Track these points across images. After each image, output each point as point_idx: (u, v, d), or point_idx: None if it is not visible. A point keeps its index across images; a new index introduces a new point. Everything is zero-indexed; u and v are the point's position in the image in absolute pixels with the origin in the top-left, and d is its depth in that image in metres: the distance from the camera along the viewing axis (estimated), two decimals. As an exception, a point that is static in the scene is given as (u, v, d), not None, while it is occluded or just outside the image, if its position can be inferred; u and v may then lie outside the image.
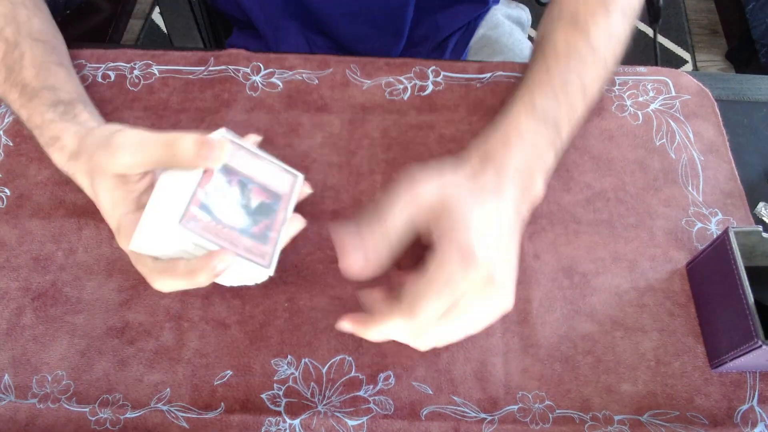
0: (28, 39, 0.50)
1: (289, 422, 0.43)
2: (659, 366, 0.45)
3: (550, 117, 0.47)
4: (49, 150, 0.46)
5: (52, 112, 0.47)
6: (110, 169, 0.41)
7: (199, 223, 0.39)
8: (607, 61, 0.50)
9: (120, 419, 0.43)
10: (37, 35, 0.51)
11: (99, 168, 0.41)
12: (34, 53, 0.49)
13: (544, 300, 0.47)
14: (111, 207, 0.42)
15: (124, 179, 0.41)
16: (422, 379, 0.44)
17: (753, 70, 1.59)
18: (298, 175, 0.46)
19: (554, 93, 0.48)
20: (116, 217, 0.42)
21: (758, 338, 0.38)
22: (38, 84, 0.48)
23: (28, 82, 0.48)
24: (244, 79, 0.57)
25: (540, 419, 0.43)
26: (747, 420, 0.43)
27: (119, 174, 0.41)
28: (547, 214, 0.51)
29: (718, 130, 0.54)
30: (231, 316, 0.47)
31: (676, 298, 0.47)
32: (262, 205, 0.42)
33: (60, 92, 0.48)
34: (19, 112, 0.48)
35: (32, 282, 0.48)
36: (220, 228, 0.39)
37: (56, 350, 0.45)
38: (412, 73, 0.58)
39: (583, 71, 0.49)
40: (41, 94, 0.47)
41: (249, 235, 0.41)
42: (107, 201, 0.42)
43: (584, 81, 0.49)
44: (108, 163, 0.40)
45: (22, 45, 0.49)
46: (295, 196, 0.45)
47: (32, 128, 0.47)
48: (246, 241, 0.40)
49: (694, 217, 0.50)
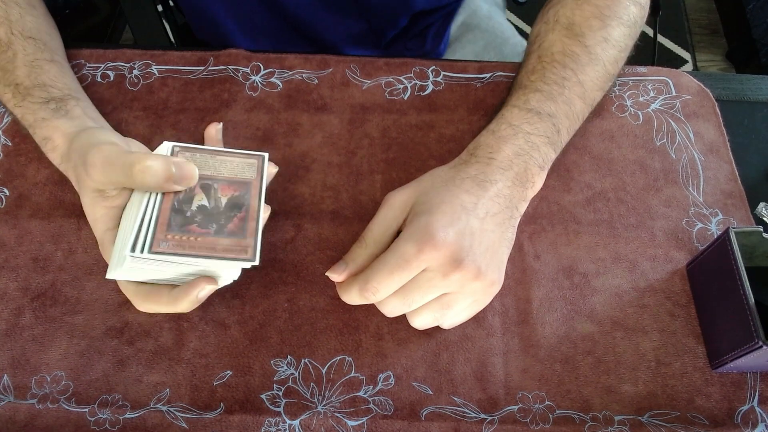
0: (20, 38, 0.50)
1: (288, 423, 0.43)
2: (660, 366, 0.45)
3: (544, 111, 0.47)
4: (43, 148, 0.46)
5: (44, 110, 0.47)
6: (89, 183, 0.41)
7: (169, 242, 0.38)
8: (606, 64, 0.50)
9: (119, 419, 0.43)
10: (30, 33, 0.51)
11: (79, 180, 0.42)
12: (25, 51, 0.50)
13: (545, 300, 0.47)
14: (93, 221, 0.42)
15: (102, 194, 0.41)
16: (422, 380, 0.44)
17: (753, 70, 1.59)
18: (261, 155, 0.45)
19: (549, 89, 0.48)
20: (98, 232, 0.42)
21: (759, 339, 0.38)
22: (30, 82, 0.48)
23: (20, 81, 0.48)
24: (244, 79, 0.57)
25: (540, 419, 0.43)
26: (747, 420, 0.43)
27: (97, 189, 0.41)
28: (547, 214, 0.50)
29: (719, 130, 0.54)
30: (231, 317, 0.47)
31: (677, 299, 0.47)
32: (232, 199, 0.42)
33: (51, 89, 0.48)
34: (14, 112, 0.48)
35: (31, 282, 0.48)
36: (193, 240, 0.39)
37: (55, 350, 0.45)
38: (412, 73, 0.58)
39: (579, 69, 0.49)
40: (33, 93, 0.48)
41: (225, 234, 0.40)
42: (90, 215, 0.42)
43: (581, 78, 0.49)
44: (86, 178, 0.41)
45: (14, 44, 0.50)
46: (265, 176, 0.44)
47: (27, 127, 0.47)
48: (224, 242, 0.39)
49: (695, 217, 0.50)
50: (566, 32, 0.50)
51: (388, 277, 0.40)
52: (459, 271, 0.40)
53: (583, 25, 0.50)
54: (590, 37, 0.50)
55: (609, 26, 0.50)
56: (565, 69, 0.49)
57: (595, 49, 0.49)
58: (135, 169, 0.38)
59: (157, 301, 0.40)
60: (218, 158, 0.43)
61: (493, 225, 0.43)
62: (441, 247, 0.40)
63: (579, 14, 0.51)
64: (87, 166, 0.40)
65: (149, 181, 0.38)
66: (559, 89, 0.48)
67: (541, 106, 0.47)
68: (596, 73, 0.50)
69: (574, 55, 0.49)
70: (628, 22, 0.51)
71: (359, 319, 0.46)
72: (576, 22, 0.50)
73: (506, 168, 0.44)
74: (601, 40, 0.50)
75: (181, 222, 0.39)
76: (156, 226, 0.38)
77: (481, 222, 0.42)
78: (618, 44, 0.51)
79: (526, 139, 0.46)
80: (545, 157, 0.47)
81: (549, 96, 0.48)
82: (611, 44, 0.50)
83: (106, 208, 0.41)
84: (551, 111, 0.47)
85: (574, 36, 0.50)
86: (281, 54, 0.59)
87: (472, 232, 0.41)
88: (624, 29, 0.51)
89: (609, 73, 0.51)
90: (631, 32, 0.52)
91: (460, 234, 0.41)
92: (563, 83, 0.48)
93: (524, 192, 0.46)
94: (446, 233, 0.40)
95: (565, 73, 0.49)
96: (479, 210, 0.42)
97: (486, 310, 0.46)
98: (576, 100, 0.49)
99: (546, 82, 0.48)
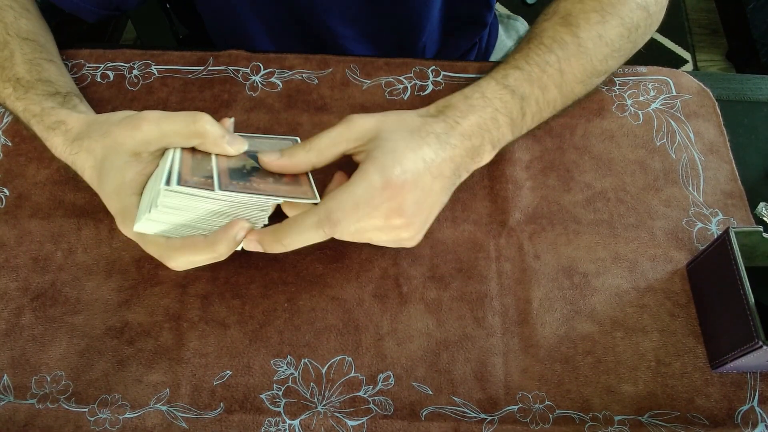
0: (16, 38, 0.50)
1: (288, 422, 0.43)
2: (659, 366, 0.45)
3: (519, 91, 0.48)
4: (51, 134, 0.46)
5: (51, 101, 0.47)
6: (128, 144, 0.41)
7: (235, 184, 0.40)
8: (593, 60, 0.50)
9: (119, 419, 0.43)
10: (26, 35, 0.51)
11: (115, 145, 0.42)
12: (23, 51, 0.50)
13: (544, 300, 0.47)
14: (117, 188, 0.42)
15: (137, 158, 0.42)
16: (422, 380, 0.44)
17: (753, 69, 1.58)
18: (294, 138, 0.49)
19: (529, 69, 0.48)
20: (123, 199, 0.42)
21: (759, 339, 0.38)
22: (32, 77, 0.48)
23: (21, 77, 0.48)
24: (244, 79, 0.57)
25: (540, 419, 0.43)
26: (747, 420, 0.43)
27: (134, 152, 0.42)
28: (547, 214, 0.50)
29: (719, 130, 0.54)
30: (230, 316, 0.47)
31: (677, 299, 0.47)
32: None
33: (55, 85, 0.49)
34: (14, 106, 0.48)
35: (31, 282, 0.48)
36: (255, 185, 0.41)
37: (55, 350, 0.45)
38: (412, 73, 0.58)
39: (564, 58, 0.49)
40: (37, 86, 0.48)
41: (282, 183, 0.43)
42: (115, 181, 0.42)
43: (563, 67, 0.49)
44: (127, 138, 0.41)
45: (11, 44, 0.50)
46: None
47: (29, 118, 0.47)
48: (283, 188, 0.42)
49: (695, 217, 0.50)
50: (561, 21, 0.50)
51: (353, 211, 0.40)
52: (401, 218, 0.42)
53: (580, 16, 0.50)
54: (584, 29, 0.50)
55: (607, 23, 0.50)
56: (550, 53, 0.49)
57: (586, 43, 0.49)
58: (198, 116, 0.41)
59: (192, 249, 0.41)
60: (256, 140, 0.46)
61: (439, 187, 0.44)
62: (400, 190, 0.41)
63: (579, 7, 0.50)
64: (136, 121, 0.41)
65: (209, 129, 0.41)
66: (539, 72, 0.48)
67: (517, 86, 0.48)
68: (581, 66, 0.49)
69: (563, 43, 0.49)
70: (629, 24, 0.51)
71: (359, 319, 0.46)
72: (573, 14, 0.50)
73: (467, 137, 0.45)
74: (595, 36, 0.50)
75: (239, 175, 0.41)
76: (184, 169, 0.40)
77: (432, 180, 0.43)
78: (612, 43, 0.50)
79: (492, 116, 0.47)
80: (502, 137, 0.48)
81: (527, 77, 0.48)
82: (605, 42, 0.50)
83: (137, 174, 0.42)
84: (525, 93, 0.48)
85: (569, 25, 0.50)
86: (281, 54, 0.59)
87: (424, 188, 0.43)
88: (622, 30, 0.51)
89: (596, 69, 0.51)
90: (631, 35, 0.52)
91: (416, 185, 0.42)
92: (544, 67, 0.48)
93: (471, 164, 0.47)
94: (406, 178, 0.41)
95: (548, 58, 0.49)
96: (434, 168, 0.43)
97: (486, 310, 0.47)
98: (551, 87, 0.49)
99: (528, 62, 0.49)
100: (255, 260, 0.49)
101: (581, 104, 0.55)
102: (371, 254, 0.49)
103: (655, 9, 0.53)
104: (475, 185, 0.52)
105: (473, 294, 0.47)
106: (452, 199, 0.51)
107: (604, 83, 0.56)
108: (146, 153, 0.42)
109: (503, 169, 0.52)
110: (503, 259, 0.49)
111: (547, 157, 0.53)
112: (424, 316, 0.46)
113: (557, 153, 0.53)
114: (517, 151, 0.53)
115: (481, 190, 0.51)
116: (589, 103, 0.55)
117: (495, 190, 0.51)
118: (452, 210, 0.50)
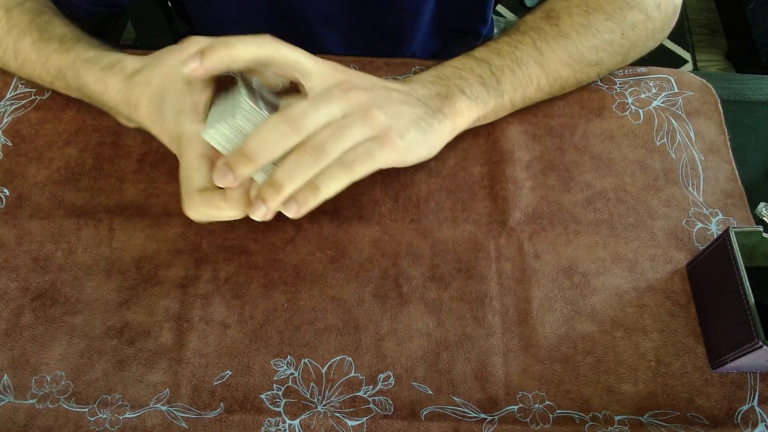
0: (49, 9, 0.52)
1: (288, 423, 0.43)
2: (659, 366, 0.45)
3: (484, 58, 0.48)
4: (107, 74, 0.47)
5: (101, 49, 0.49)
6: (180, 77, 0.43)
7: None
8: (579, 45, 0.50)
9: (119, 419, 0.43)
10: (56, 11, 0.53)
11: (170, 72, 0.43)
12: (59, 16, 0.52)
13: (544, 300, 0.47)
14: (175, 114, 0.43)
15: (191, 87, 0.43)
16: (422, 380, 0.44)
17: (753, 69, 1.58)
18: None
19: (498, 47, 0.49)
20: (180, 124, 0.43)
21: (759, 339, 0.38)
22: (77, 33, 0.50)
23: (65, 33, 0.50)
24: (244, 79, 0.57)
25: (540, 419, 0.43)
26: (747, 420, 0.43)
27: (187, 79, 0.43)
28: (547, 214, 0.50)
29: (720, 128, 0.54)
30: (230, 316, 0.47)
31: (677, 299, 0.47)
32: None
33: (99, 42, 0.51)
34: (61, 58, 0.49)
35: (31, 282, 0.48)
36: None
37: (55, 350, 0.45)
38: (412, 73, 0.58)
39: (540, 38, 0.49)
40: (83, 39, 0.50)
41: None
42: (173, 108, 0.43)
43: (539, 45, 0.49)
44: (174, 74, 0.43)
45: (46, 13, 0.51)
46: None
47: (80, 66, 0.48)
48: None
49: (695, 217, 0.50)
50: (543, 14, 0.51)
51: (312, 102, 0.41)
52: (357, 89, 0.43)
53: (562, 11, 0.50)
54: (566, 22, 0.50)
55: (591, 15, 0.50)
56: (524, 36, 0.49)
57: (567, 30, 0.49)
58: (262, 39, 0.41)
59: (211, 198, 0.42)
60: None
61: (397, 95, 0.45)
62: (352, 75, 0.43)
63: (564, 4, 0.51)
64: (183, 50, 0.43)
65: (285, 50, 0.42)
66: (509, 49, 0.49)
67: (483, 56, 0.48)
68: (563, 49, 0.49)
69: (540, 30, 0.49)
70: (620, 20, 0.51)
71: (359, 319, 0.46)
72: (556, 9, 0.51)
73: (426, 85, 0.47)
74: (578, 26, 0.50)
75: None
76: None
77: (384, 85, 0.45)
78: (600, 34, 0.50)
79: (453, 71, 0.47)
80: (473, 89, 0.48)
81: (495, 51, 0.49)
82: (590, 32, 0.50)
83: (193, 102, 0.43)
84: (493, 62, 0.48)
85: (549, 18, 0.50)
86: (281, 54, 0.59)
87: (375, 83, 0.45)
88: (611, 24, 0.50)
89: (584, 56, 0.50)
90: (625, 32, 0.51)
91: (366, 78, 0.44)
92: (516, 45, 0.49)
93: (444, 107, 0.47)
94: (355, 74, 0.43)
95: (521, 38, 0.49)
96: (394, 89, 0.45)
97: (486, 310, 0.47)
98: (530, 62, 0.49)
99: (497, 42, 0.49)
100: (255, 260, 0.49)
101: (581, 104, 0.55)
102: (371, 254, 0.49)
103: (656, 14, 0.53)
104: (475, 185, 0.52)
105: (473, 294, 0.47)
106: (452, 199, 0.51)
107: (604, 82, 0.56)
108: (198, 83, 0.43)
109: (503, 169, 0.52)
110: (503, 259, 0.49)
111: (547, 157, 0.53)
112: (424, 316, 0.46)
113: (557, 153, 0.53)
114: (517, 151, 0.53)
115: (481, 190, 0.52)
116: (590, 103, 0.55)
117: (495, 190, 0.51)
118: (452, 210, 0.50)
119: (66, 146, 0.53)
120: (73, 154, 0.53)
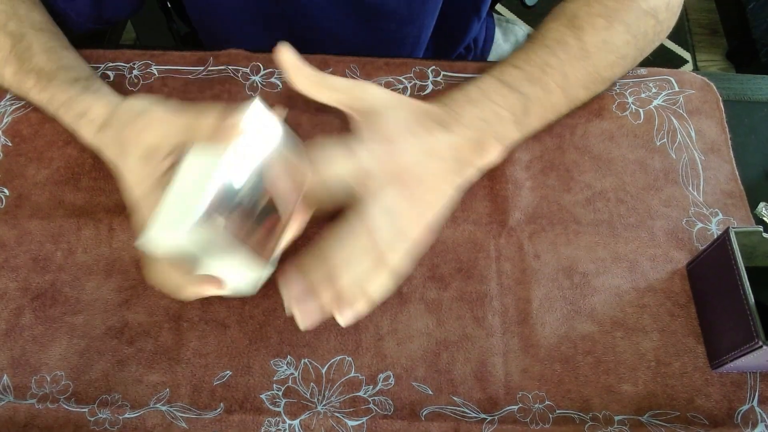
0: (31, 30, 0.51)
1: (288, 423, 0.43)
2: (659, 366, 0.45)
3: (518, 89, 0.47)
4: (77, 125, 0.48)
5: (74, 89, 0.48)
6: (141, 141, 0.42)
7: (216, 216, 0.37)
8: (597, 66, 0.49)
9: (119, 419, 0.43)
10: (40, 26, 0.52)
11: (127, 142, 0.43)
12: (39, 41, 0.51)
13: (544, 300, 0.47)
14: (134, 184, 0.43)
15: (149, 157, 0.42)
16: (422, 380, 0.44)
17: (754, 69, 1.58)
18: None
19: (529, 70, 0.48)
20: (136, 195, 0.43)
21: (759, 339, 0.38)
22: (53, 66, 0.49)
23: (42, 67, 0.49)
24: (244, 79, 0.57)
25: (540, 419, 0.43)
26: (747, 420, 0.43)
27: (145, 151, 0.42)
28: (547, 214, 0.50)
29: (721, 127, 0.54)
30: (230, 316, 0.47)
31: (677, 299, 0.47)
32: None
33: (76, 70, 0.50)
34: (39, 97, 0.49)
35: (31, 282, 0.48)
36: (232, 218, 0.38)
37: (55, 350, 0.45)
38: (412, 73, 0.58)
39: (567, 60, 0.48)
40: (59, 75, 0.49)
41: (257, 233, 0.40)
42: (131, 177, 0.43)
43: (566, 70, 0.48)
44: (135, 140, 0.42)
45: (27, 36, 0.50)
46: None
47: (57, 108, 0.49)
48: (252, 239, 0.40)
49: (695, 217, 0.50)
50: (566, 22, 0.50)
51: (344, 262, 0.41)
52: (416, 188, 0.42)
53: (585, 20, 0.49)
54: (590, 34, 0.49)
55: (613, 29, 0.49)
56: (552, 56, 0.48)
57: (590, 48, 0.49)
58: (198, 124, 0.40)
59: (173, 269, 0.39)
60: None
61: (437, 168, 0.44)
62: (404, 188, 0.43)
63: (585, 10, 0.50)
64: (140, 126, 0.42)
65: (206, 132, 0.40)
66: (539, 73, 0.48)
67: (516, 83, 0.47)
68: (584, 70, 0.49)
69: (566, 46, 0.48)
70: (636, 31, 0.50)
71: (359, 319, 0.46)
72: (579, 16, 0.50)
73: (466, 127, 0.45)
74: (600, 42, 0.49)
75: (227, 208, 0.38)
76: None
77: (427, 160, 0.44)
78: (618, 50, 0.50)
79: (493, 110, 0.46)
80: (507, 133, 0.47)
81: (527, 77, 0.48)
82: (610, 48, 0.49)
83: (151, 170, 0.42)
84: (525, 92, 0.47)
85: (573, 28, 0.49)
86: (281, 54, 0.59)
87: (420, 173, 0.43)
88: (628, 37, 0.50)
89: (600, 75, 0.50)
90: (638, 43, 0.51)
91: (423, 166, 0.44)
92: (545, 69, 0.48)
93: (476, 158, 0.46)
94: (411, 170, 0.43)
95: (550, 60, 0.48)
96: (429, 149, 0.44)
97: (486, 310, 0.46)
98: (556, 89, 0.48)
99: (528, 63, 0.48)
100: (255, 260, 0.49)
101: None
102: (371, 254, 0.49)
103: (666, 16, 0.52)
104: (475, 185, 0.52)
105: (473, 294, 0.47)
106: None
107: (605, 83, 0.56)
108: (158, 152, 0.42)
109: (503, 169, 0.52)
110: (503, 259, 0.49)
111: (547, 157, 0.53)
112: (424, 316, 0.46)
113: (557, 153, 0.53)
114: (517, 151, 0.53)
115: (481, 190, 0.51)
116: (590, 103, 0.55)
117: (495, 190, 0.51)
118: (452, 210, 0.50)
119: (66, 146, 0.53)
120: (73, 154, 0.53)
